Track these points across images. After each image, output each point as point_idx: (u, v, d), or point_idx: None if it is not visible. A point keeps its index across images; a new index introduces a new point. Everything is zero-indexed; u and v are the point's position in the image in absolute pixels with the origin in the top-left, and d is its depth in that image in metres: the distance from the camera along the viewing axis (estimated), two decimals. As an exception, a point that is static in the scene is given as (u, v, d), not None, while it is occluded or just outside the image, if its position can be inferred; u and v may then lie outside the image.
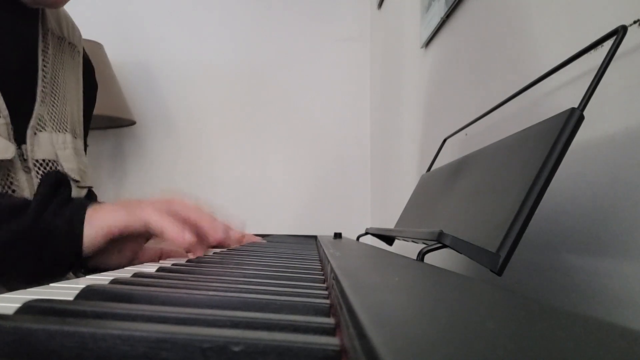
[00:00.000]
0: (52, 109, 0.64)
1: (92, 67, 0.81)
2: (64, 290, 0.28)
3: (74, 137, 0.67)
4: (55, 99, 0.65)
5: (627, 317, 0.38)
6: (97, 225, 0.52)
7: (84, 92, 0.75)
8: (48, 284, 0.29)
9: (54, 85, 0.65)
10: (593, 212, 0.42)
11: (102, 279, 0.33)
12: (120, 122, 1.77)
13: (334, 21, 1.90)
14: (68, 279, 0.65)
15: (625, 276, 0.38)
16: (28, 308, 0.18)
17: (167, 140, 1.88)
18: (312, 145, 1.88)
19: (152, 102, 1.87)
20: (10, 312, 0.17)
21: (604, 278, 0.40)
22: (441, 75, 0.96)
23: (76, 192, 0.67)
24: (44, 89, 0.63)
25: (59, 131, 0.64)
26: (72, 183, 0.68)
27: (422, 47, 1.07)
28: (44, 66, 0.64)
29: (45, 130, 0.61)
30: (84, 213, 0.53)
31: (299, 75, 1.89)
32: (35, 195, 0.56)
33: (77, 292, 0.23)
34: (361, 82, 1.89)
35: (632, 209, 0.38)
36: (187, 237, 0.50)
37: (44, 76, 0.64)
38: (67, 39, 0.71)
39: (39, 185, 0.58)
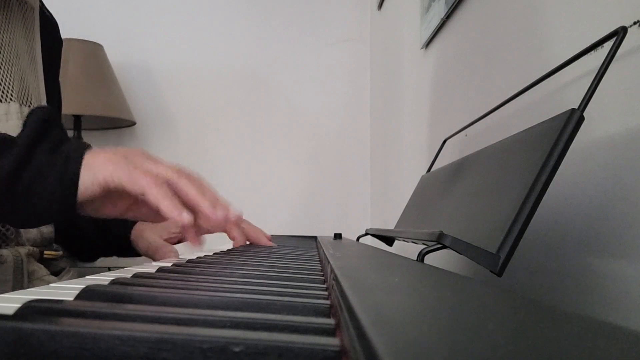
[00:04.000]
0: None
1: (55, 24, 0.74)
2: (64, 290, 0.28)
3: (25, 105, 0.61)
4: None
5: (627, 317, 0.38)
6: (95, 172, 0.48)
7: (45, 52, 0.69)
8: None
9: None
10: (593, 212, 0.42)
11: (102, 279, 0.33)
12: (121, 123, 1.78)
13: (334, 22, 1.90)
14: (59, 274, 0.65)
15: (625, 276, 0.38)
16: (28, 308, 0.18)
17: (168, 141, 1.88)
18: (312, 146, 1.88)
19: (153, 103, 1.87)
20: (10, 312, 0.17)
21: (604, 278, 0.40)
22: (441, 76, 0.96)
23: None
24: None
25: (1, 101, 0.58)
26: None
27: (422, 48, 1.07)
28: None
29: None
30: (82, 154, 0.48)
31: (299, 76, 1.89)
32: (22, 132, 0.50)
33: (77, 292, 0.23)
34: (361, 83, 1.89)
35: (632, 209, 0.38)
36: (185, 217, 0.47)
37: None
38: None
39: (25, 123, 0.52)
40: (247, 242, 0.72)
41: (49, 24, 0.72)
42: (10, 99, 0.59)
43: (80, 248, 0.76)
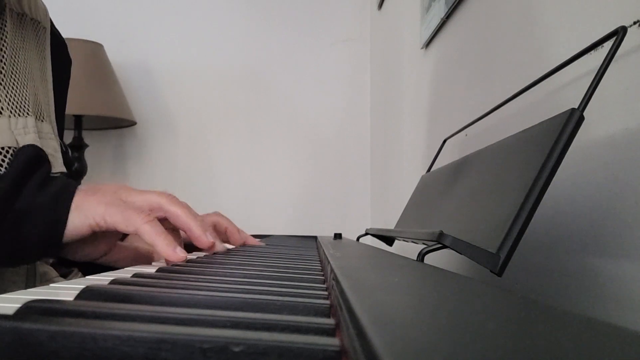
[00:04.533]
0: (11, 92, 0.59)
1: (63, 42, 0.76)
2: (64, 290, 0.28)
3: (39, 119, 0.62)
4: (14, 80, 0.60)
5: (627, 317, 0.38)
6: (86, 214, 0.47)
7: (55, 70, 0.71)
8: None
9: (13, 65, 0.61)
10: (593, 212, 0.42)
11: (102, 279, 0.33)
12: (121, 123, 1.78)
13: (333, 22, 1.90)
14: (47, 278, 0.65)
15: (624, 276, 0.38)
16: (28, 308, 0.18)
17: (168, 141, 1.88)
18: (312, 146, 1.88)
19: (153, 103, 1.87)
20: (10, 312, 0.17)
21: (603, 278, 0.40)
22: (441, 76, 0.96)
23: None
24: (1, 70, 0.59)
25: (19, 115, 0.59)
26: None
27: (422, 48, 1.07)
28: (1, 45, 0.60)
29: (2, 115, 0.57)
30: (72, 196, 0.48)
31: (299, 75, 1.89)
32: (8, 169, 0.49)
33: (77, 292, 0.23)
34: (361, 83, 1.89)
35: (631, 209, 0.38)
36: (180, 254, 0.47)
37: (2, 56, 0.59)
38: (29, 15, 0.66)
39: (12, 160, 0.51)
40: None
41: (58, 44, 0.74)
42: (27, 114, 0.60)
43: (71, 261, 0.74)
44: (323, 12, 1.90)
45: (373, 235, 0.77)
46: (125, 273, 0.36)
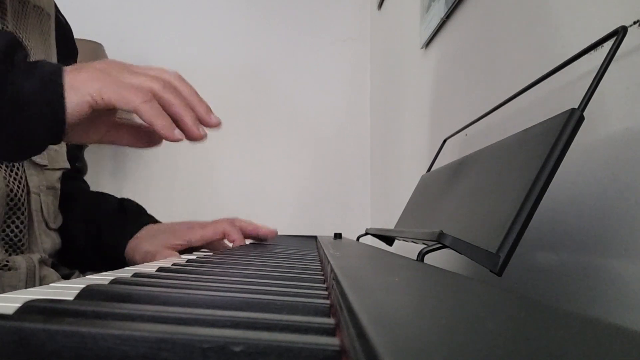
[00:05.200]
0: None
1: (69, 30, 0.74)
2: (64, 290, 0.28)
3: None
4: None
5: (627, 317, 0.38)
6: (82, 92, 0.44)
7: (60, 58, 0.68)
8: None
9: None
10: (593, 212, 0.42)
11: (102, 278, 0.33)
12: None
13: (334, 21, 1.90)
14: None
15: (625, 276, 0.38)
16: (28, 308, 0.18)
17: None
18: (312, 146, 1.88)
19: (152, 103, 1.87)
20: (10, 312, 0.17)
21: (604, 278, 0.40)
22: (441, 76, 0.96)
23: (43, 178, 0.62)
24: None
25: None
26: (38, 168, 0.61)
27: (422, 48, 1.07)
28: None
29: None
30: (61, 74, 0.44)
31: (299, 75, 1.89)
32: None
33: (77, 292, 0.23)
34: (361, 82, 1.89)
35: (632, 209, 0.38)
36: (177, 135, 0.44)
37: None
38: (32, 1, 0.64)
39: None
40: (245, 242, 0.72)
41: (64, 31, 0.72)
42: None
43: (71, 259, 0.74)
44: (323, 11, 1.90)
45: (373, 235, 0.77)
46: (125, 273, 0.36)
